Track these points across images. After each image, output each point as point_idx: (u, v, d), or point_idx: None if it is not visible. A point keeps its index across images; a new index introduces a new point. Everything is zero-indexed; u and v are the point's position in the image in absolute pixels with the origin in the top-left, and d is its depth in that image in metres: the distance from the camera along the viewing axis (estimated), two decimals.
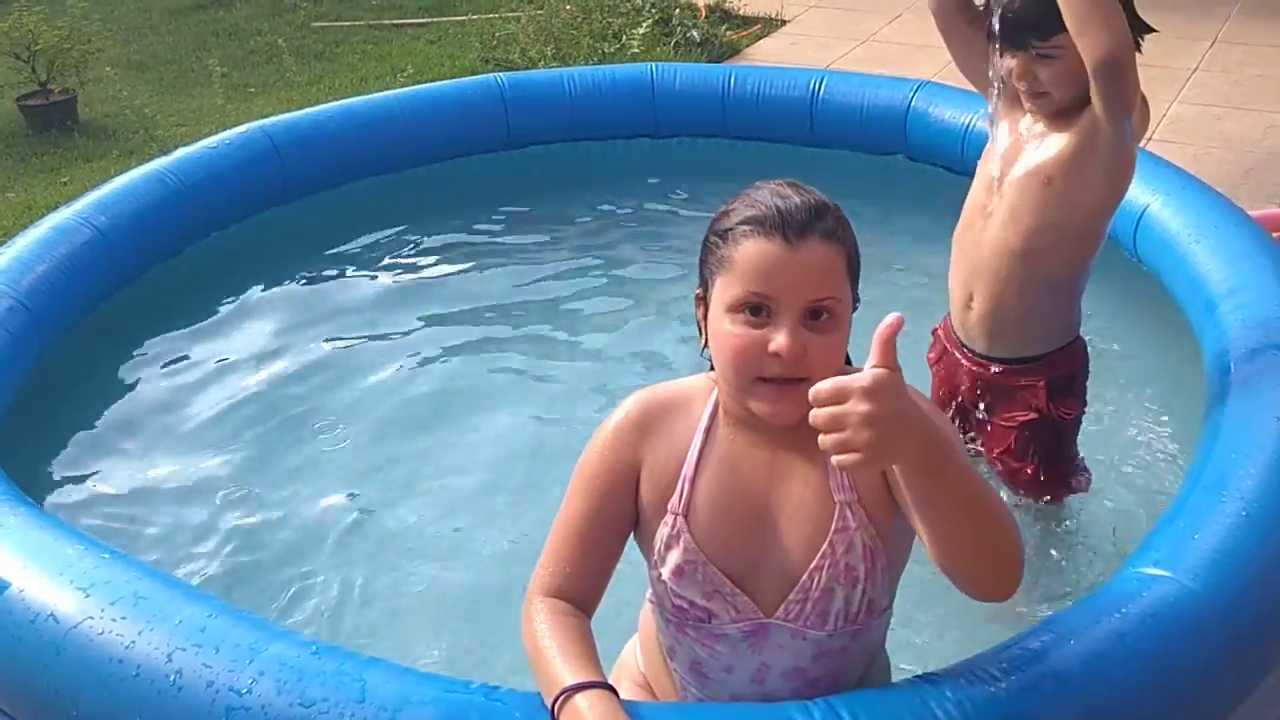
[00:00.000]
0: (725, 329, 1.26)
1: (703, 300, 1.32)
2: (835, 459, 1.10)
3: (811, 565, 1.30)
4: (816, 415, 1.09)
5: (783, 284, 1.23)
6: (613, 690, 1.25)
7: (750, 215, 1.25)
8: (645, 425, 1.36)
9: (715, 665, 1.37)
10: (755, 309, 1.24)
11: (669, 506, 1.33)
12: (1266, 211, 2.95)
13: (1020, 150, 1.96)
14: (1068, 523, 2.19)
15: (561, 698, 1.23)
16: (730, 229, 1.26)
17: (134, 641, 1.53)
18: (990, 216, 1.99)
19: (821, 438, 1.10)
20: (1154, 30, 1.91)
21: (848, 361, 1.35)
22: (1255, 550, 1.66)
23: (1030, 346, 2.03)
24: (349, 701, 1.40)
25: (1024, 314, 2.00)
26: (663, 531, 1.33)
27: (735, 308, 1.25)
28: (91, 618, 1.58)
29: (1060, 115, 1.91)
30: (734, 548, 1.32)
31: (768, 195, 1.26)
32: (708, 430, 1.34)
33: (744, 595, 1.32)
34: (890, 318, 1.09)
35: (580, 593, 1.35)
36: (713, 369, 1.34)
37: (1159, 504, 2.17)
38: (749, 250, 1.24)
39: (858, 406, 1.07)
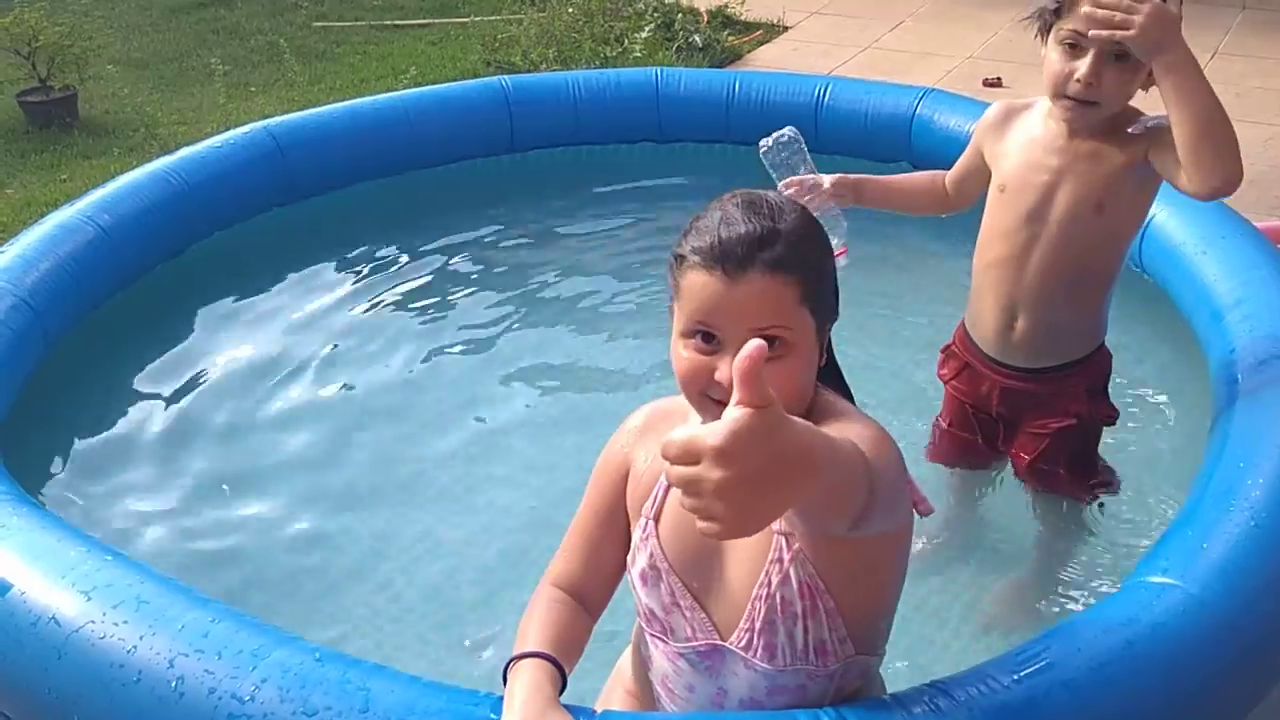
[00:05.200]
0: (679, 352, 1.27)
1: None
2: (698, 525, 0.92)
3: (752, 594, 1.29)
4: (669, 473, 0.92)
5: (723, 316, 1.22)
6: (552, 661, 1.30)
7: (696, 245, 1.24)
8: (644, 429, 1.41)
9: (680, 683, 1.38)
10: (706, 336, 1.24)
11: (643, 510, 1.36)
12: (1272, 223, 2.95)
13: (1061, 179, 1.92)
14: (1076, 532, 2.19)
15: (510, 663, 1.31)
16: (682, 255, 1.26)
17: (136, 646, 1.52)
18: (1034, 245, 1.95)
19: (679, 498, 0.92)
20: None
21: (840, 381, 1.36)
22: (1263, 560, 1.66)
23: (1073, 352, 2.03)
24: (353, 710, 1.39)
25: (1070, 327, 2.01)
26: (636, 534, 1.37)
27: (686, 334, 1.26)
28: (93, 621, 1.57)
29: (1103, 139, 1.88)
30: (695, 563, 1.33)
31: (715, 221, 1.24)
32: None
33: (703, 613, 1.33)
34: (748, 348, 0.90)
35: (583, 586, 1.41)
36: None
37: (1167, 513, 2.18)
38: (692, 281, 1.24)
39: (710, 473, 0.89)
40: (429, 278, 3.29)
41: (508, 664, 1.31)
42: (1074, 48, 1.82)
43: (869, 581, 1.31)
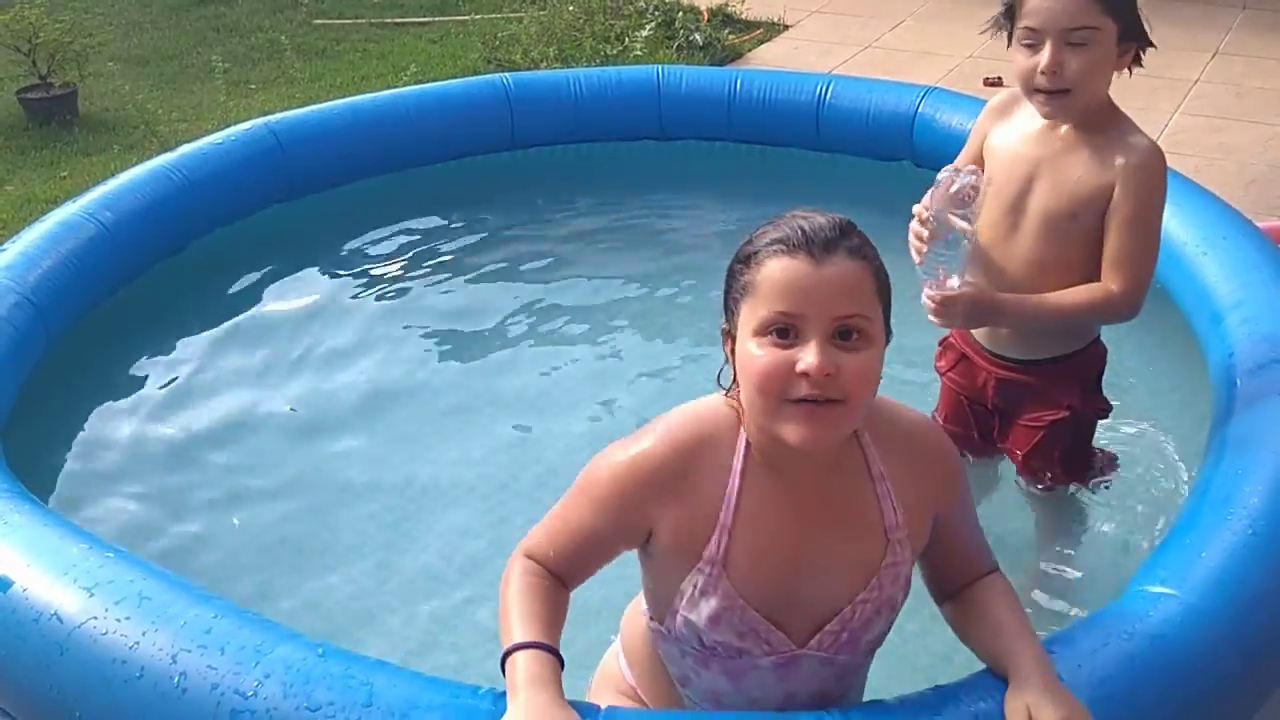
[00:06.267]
0: (751, 353, 1.23)
1: (729, 334, 1.30)
2: None
3: (858, 599, 1.31)
4: None
5: (809, 301, 1.21)
6: (554, 654, 1.28)
7: (774, 237, 1.24)
8: (665, 483, 1.30)
9: (739, 697, 1.37)
10: (783, 331, 1.22)
11: (705, 556, 1.29)
12: (1273, 224, 2.95)
13: (1038, 172, 1.93)
14: (1072, 533, 2.19)
15: (508, 653, 1.28)
16: (754, 253, 1.25)
17: (138, 642, 1.52)
18: (1016, 234, 1.96)
19: None
20: (1153, 45, 1.92)
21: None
22: (1262, 568, 1.66)
23: (1066, 345, 2.03)
24: (355, 705, 1.39)
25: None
26: (695, 579, 1.31)
27: (762, 330, 1.22)
28: (95, 618, 1.57)
29: (1083, 135, 1.89)
30: (773, 590, 1.32)
31: (790, 219, 1.26)
32: (742, 474, 1.30)
33: (778, 631, 1.32)
34: None
35: (563, 573, 1.37)
36: (728, 393, 1.32)
37: (1164, 521, 2.17)
38: (773, 269, 1.22)
39: None
40: (429, 275, 3.29)
41: (504, 656, 1.29)
42: (1033, 44, 1.86)
43: None
